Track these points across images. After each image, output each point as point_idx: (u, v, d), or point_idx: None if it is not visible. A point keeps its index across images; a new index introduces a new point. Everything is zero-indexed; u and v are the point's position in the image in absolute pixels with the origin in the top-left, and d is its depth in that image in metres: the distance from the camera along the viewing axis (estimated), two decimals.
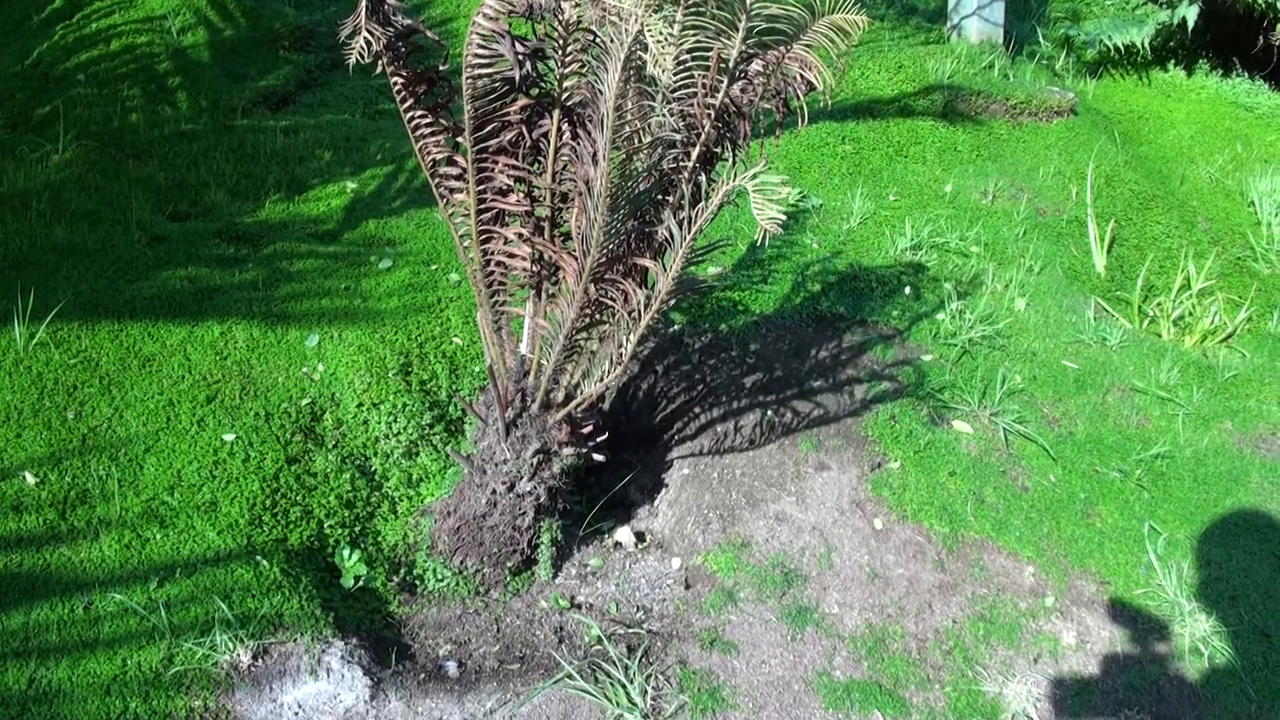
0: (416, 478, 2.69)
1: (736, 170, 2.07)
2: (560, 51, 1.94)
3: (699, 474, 2.82)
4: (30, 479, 2.31)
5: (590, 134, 1.97)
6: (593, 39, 1.97)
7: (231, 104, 4.19)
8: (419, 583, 2.50)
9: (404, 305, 3.02)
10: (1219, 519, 2.90)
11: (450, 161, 2.16)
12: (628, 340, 2.15)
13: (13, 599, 2.09)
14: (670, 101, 1.97)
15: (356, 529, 2.52)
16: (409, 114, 2.10)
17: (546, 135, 2.09)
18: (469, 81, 1.95)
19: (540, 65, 2.01)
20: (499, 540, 2.46)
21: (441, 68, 2.10)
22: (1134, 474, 3.00)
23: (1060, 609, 2.56)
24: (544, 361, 2.28)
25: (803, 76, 2.05)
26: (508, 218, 2.24)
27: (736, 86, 2.04)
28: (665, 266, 2.01)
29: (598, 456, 2.46)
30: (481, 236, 2.21)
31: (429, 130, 2.12)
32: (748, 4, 1.88)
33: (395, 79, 2.04)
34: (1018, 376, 3.30)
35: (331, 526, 2.48)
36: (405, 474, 2.67)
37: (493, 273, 2.29)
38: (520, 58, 1.94)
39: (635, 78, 1.93)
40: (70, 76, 4.14)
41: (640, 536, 2.72)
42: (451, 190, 2.20)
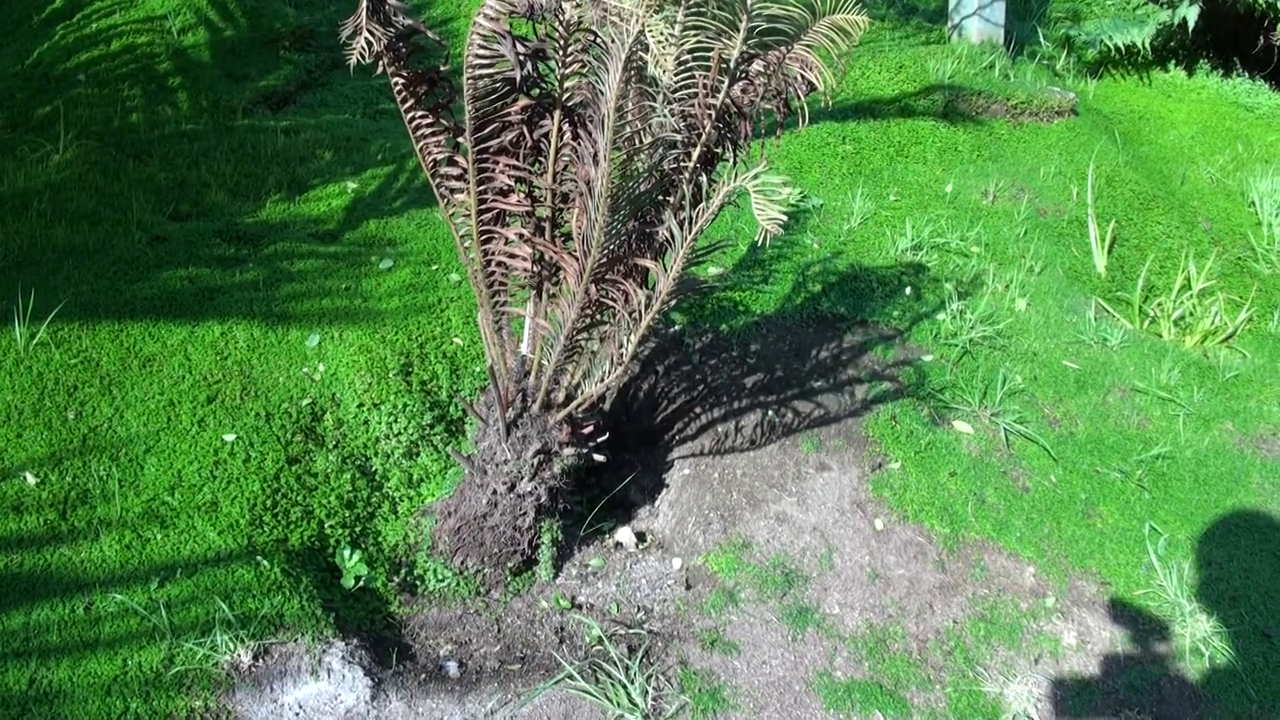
0: (417, 478, 2.69)
1: (737, 170, 2.07)
2: (561, 52, 1.94)
3: (700, 474, 2.81)
4: (31, 479, 2.31)
5: (591, 134, 1.97)
6: (594, 39, 1.97)
7: (232, 104, 4.18)
8: (420, 583, 2.50)
9: (405, 305, 3.02)
10: (1220, 519, 2.90)
11: (451, 162, 2.16)
12: (628, 341, 2.15)
13: (13, 599, 2.09)
14: (671, 102, 1.97)
15: (357, 529, 2.52)
16: (410, 114, 2.10)
17: (547, 136, 2.08)
18: (470, 82, 1.95)
19: (541, 66, 2.01)
20: (500, 540, 2.46)
21: (442, 68, 2.10)
22: (1135, 474, 3.00)
23: (1061, 609, 2.56)
24: (545, 362, 2.28)
25: (803, 77, 2.05)
26: (508, 218, 2.24)
27: (737, 87, 2.04)
28: (666, 267, 2.01)
29: (598, 457, 2.46)
30: (482, 237, 2.21)
31: (430, 130, 2.12)
32: (749, 4, 1.88)
33: (396, 79, 2.04)
34: (1018, 377, 3.29)
35: (332, 527, 2.48)
36: (406, 474, 2.67)
37: (493, 273, 2.29)
38: (521, 58, 1.94)
39: (636, 78, 1.92)
40: (71, 76, 4.14)
41: (641, 537, 2.72)
42: (452, 190, 2.20)
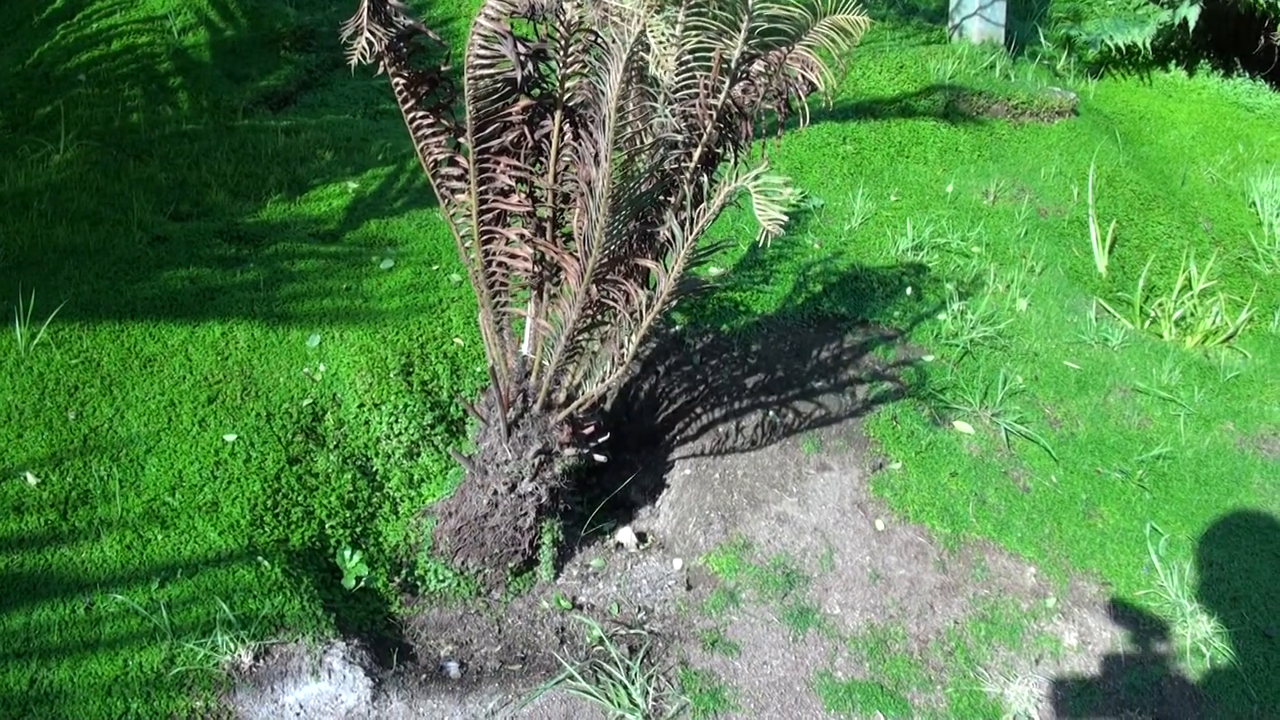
0: (418, 478, 2.68)
1: (738, 171, 2.07)
2: (562, 52, 1.94)
3: (700, 475, 2.81)
4: (31, 479, 2.31)
5: (592, 135, 1.97)
6: (594, 40, 1.97)
7: (233, 104, 4.18)
8: (420, 583, 2.50)
9: (405, 305, 3.02)
10: (1221, 520, 2.90)
11: (452, 162, 2.16)
12: (629, 341, 2.15)
13: (14, 599, 2.09)
14: (672, 102, 1.97)
15: (358, 529, 2.52)
16: (410, 114, 2.10)
17: (548, 136, 2.08)
18: (471, 82, 1.95)
19: (542, 66, 2.01)
20: (500, 541, 2.46)
21: (443, 68, 2.09)
22: (1135, 475, 3.00)
23: (1062, 610, 2.56)
24: (545, 362, 2.28)
25: (804, 77, 2.04)
26: (509, 218, 2.24)
27: (738, 87, 2.03)
28: (667, 267, 2.01)
29: (599, 457, 2.46)
30: (483, 237, 2.21)
31: (431, 131, 2.12)
32: (750, 4, 1.88)
33: (397, 79, 2.04)
34: (1019, 377, 3.29)
35: (333, 527, 2.48)
36: (407, 474, 2.67)
37: (494, 273, 2.28)
38: (522, 58, 1.94)
39: (637, 78, 1.92)
40: (71, 76, 4.14)
41: (642, 537, 2.72)
42: (453, 191, 2.20)
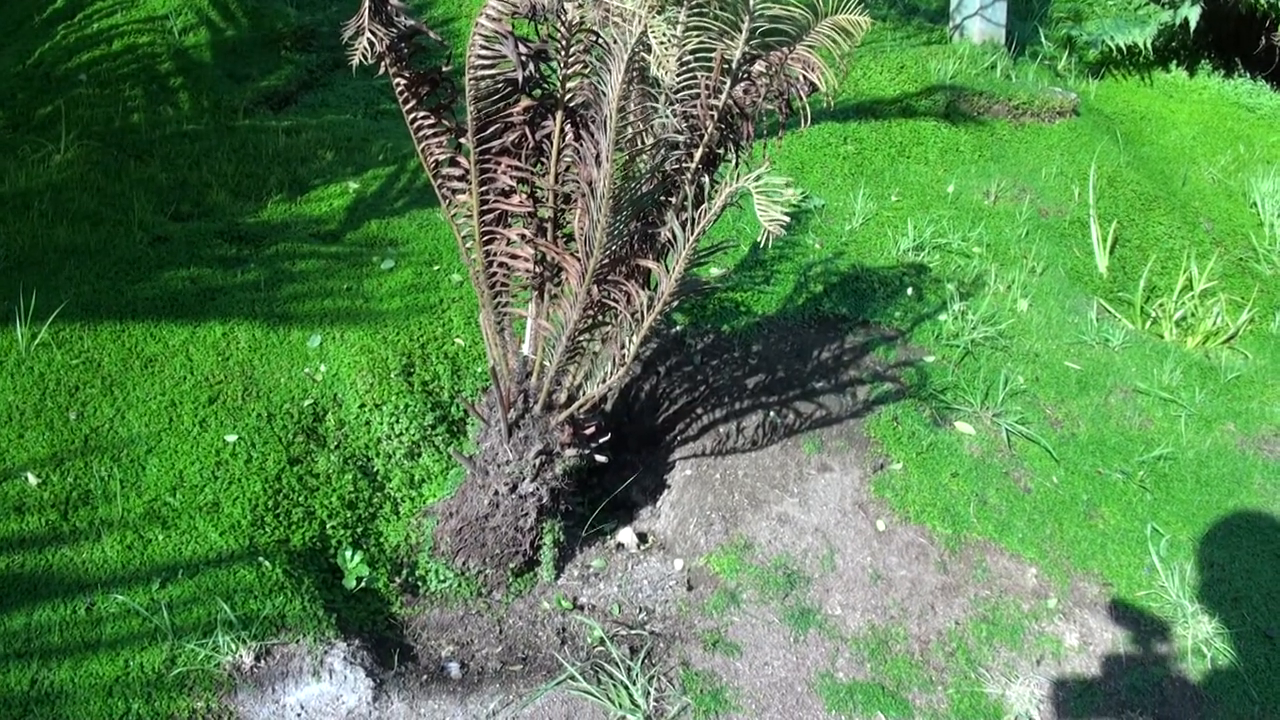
0: (419, 479, 2.68)
1: (740, 171, 2.06)
2: (563, 53, 1.94)
3: (701, 475, 2.81)
4: (32, 479, 2.31)
5: (593, 135, 1.97)
6: (595, 40, 1.97)
7: (233, 104, 4.18)
8: (421, 584, 2.50)
9: (406, 306, 3.02)
10: (1222, 520, 2.90)
11: (453, 162, 2.16)
12: (630, 341, 2.15)
13: (15, 600, 2.09)
14: (673, 103, 1.97)
15: (359, 530, 2.52)
16: (411, 115, 2.10)
17: (549, 136, 2.08)
18: (472, 82, 1.95)
19: (543, 66, 2.01)
20: (501, 541, 2.46)
21: (444, 69, 2.09)
22: (1136, 475, 3.00)
23: (1063, 611, 2.56)
24: (546, 363, 2.28)
25: (805, 77, 2.04)
26: (510, 219, 2.24)
27: (739, 87, 2.03)
28: (668, 268, 2.01)
29: (600, 458, 2.46)
30: (484, 237, 2.21)
31: (431, 131, 2.12)
32: (751, 5, 1.88)
33: (398, 80, 2.04)
34: (1020, 377, 3.29)
35: (334, 527, 2.48)
36: (407, 475, 2.67)
37: (495, 274, 2.28)
38: (523, 59, 1.94)
39: (638, 79, 1.92)
40: (72, 76, 4.14)
41: (642, 538, 2.72)
42: (454, 191, 2.20)
